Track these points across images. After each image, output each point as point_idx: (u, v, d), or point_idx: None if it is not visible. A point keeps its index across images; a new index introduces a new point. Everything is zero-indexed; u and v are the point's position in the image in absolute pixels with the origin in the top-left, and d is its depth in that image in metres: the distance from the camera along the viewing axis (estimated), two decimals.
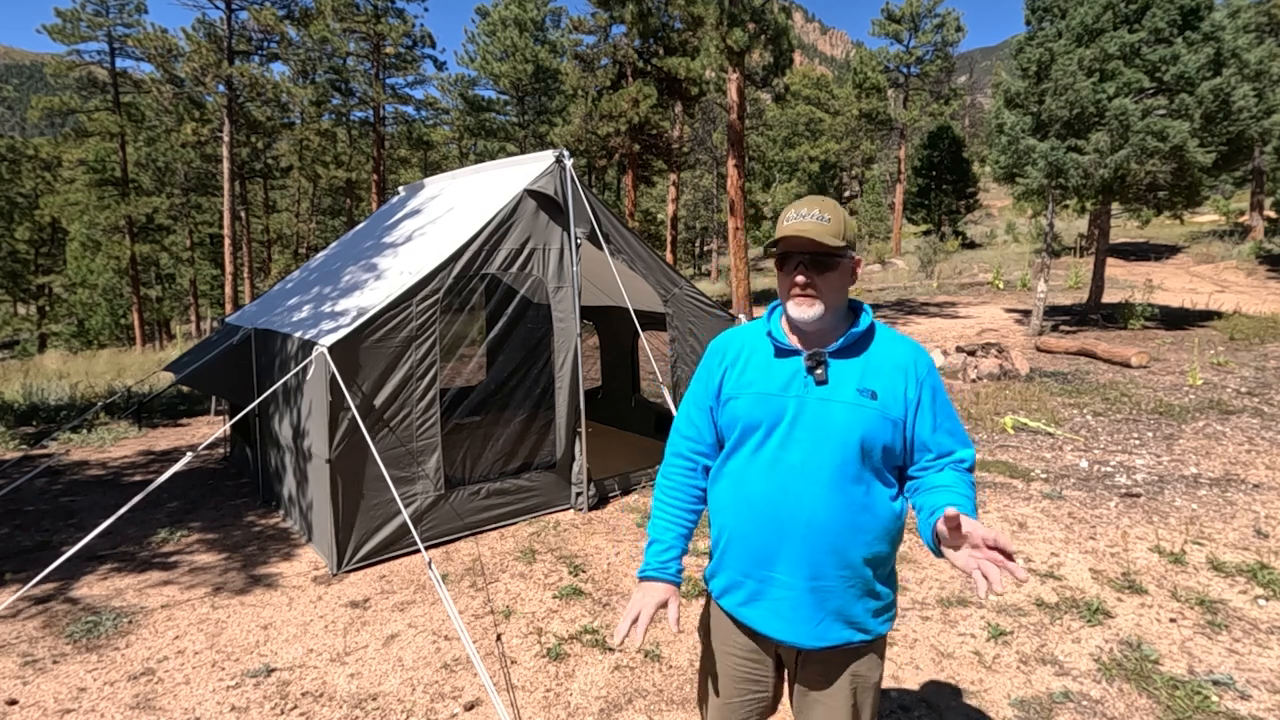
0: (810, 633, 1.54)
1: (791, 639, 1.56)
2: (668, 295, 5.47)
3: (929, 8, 31.68)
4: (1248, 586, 3.66)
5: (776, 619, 1.56)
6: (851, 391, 1.50)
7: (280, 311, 5.43)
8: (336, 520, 4.01)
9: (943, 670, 3.02)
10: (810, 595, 1.52)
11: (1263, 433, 6.19)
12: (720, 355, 1.68)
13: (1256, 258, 18.65)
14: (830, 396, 1.51)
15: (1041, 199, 11.50)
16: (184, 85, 22.91)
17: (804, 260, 1.51)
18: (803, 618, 1.53)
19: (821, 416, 1.50)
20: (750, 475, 1.56)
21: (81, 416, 8.11)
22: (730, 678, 1.69)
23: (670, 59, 21.13)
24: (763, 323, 1.66)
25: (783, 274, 1.56)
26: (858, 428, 1.48)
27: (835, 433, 1.48)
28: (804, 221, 1.50)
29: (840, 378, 1.52)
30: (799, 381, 1.53)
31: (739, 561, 1.60)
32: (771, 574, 1.55)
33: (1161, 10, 9.79)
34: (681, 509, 1.72)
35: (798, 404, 1.52)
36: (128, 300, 31.74)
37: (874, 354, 1.55)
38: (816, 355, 1.52)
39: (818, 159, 41.30)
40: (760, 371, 1.59)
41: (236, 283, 23.03)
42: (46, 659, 3.28)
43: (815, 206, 1.52)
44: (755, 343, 1.65)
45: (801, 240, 1.49)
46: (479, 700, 2.91)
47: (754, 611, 1.59)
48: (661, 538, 1.71)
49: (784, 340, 1.58)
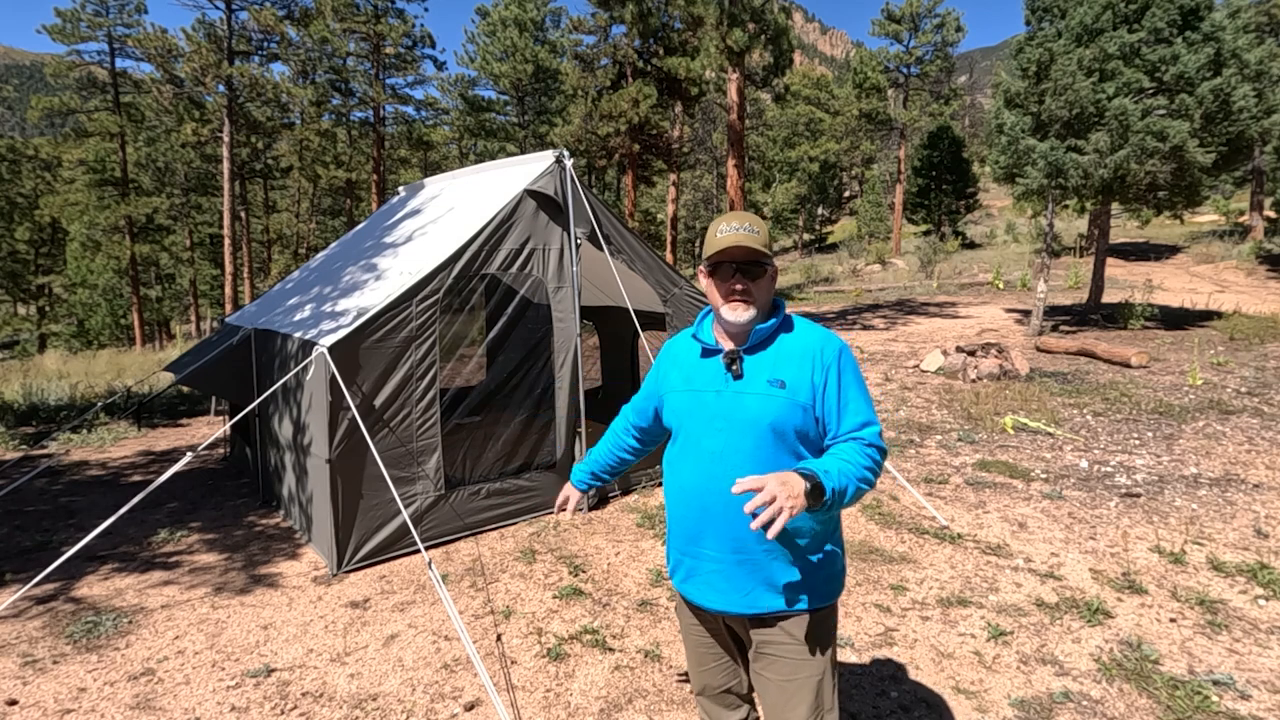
0: (740, 600, 1.70)
1: (723, 607, 1.72)
2: (668, 295, 5.47)
3: (929, 8, 31.66)
4: (1248, 586, 3.66)
5: (710, 590, 1.73)
6: (762, 383, 1.68)
7: (280, 311, 5.43)
8: (336, 520, 4.01)
9: (943, 670, 3.03)
10: (738, 568, 1.69)
11: (1263, 433, 6.19)
12: (666, 356, 1.93)
13: (1256, 258, 18.65)
14: (744, 389, 1.69)
15: (1041, 199, 11.50)
16: (184, 85, 22.91)
17: (739, 268, 1.69)
18: (732, 587, 1.70)
19: (736, 407, 1.68)
20: (681, 463, 1.77)
21: (81, 417, 8.11)
22: (694, 648, 1.92)
23: (670, 59, 21.12)
24: (693, 327, 1.87)
25: (717, 281, 1.73)
26: (768, 415, 1.65)
27: (748, 420, 1.66)
28: (738, 233, 1.67)
29: (753, 371, 1.70)
30: (720, 377, 1.72)
31: (676, 541, 1.80)
32: (701, 550, 1.73)
33: (1161, 10, 9.78)
34: (609, 448, 2.16)
35: (717, 397, 1.71)
36: (128, 300, 31.75)
37: (784, 345, 1.73)
38: (732, 353, 1.72)
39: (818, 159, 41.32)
40: (690, 371, 1.80)
41: (236, 283, 23.05)
42: (47, 659, 3.28)
43: (745, 220, 1.70)
44: (688, 346, 1.86)
45: (739, 250, 1.66)
46: (479, 700, 2.91)
47: (691, 587, 1.78)
48: (586, 461, 2.21)
49: (710, 341, 1.78)
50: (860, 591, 3.73)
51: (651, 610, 3.62)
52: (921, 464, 5.86)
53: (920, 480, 5.45)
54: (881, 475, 5.61)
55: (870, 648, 3.21)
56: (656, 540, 4.48)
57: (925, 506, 4.86)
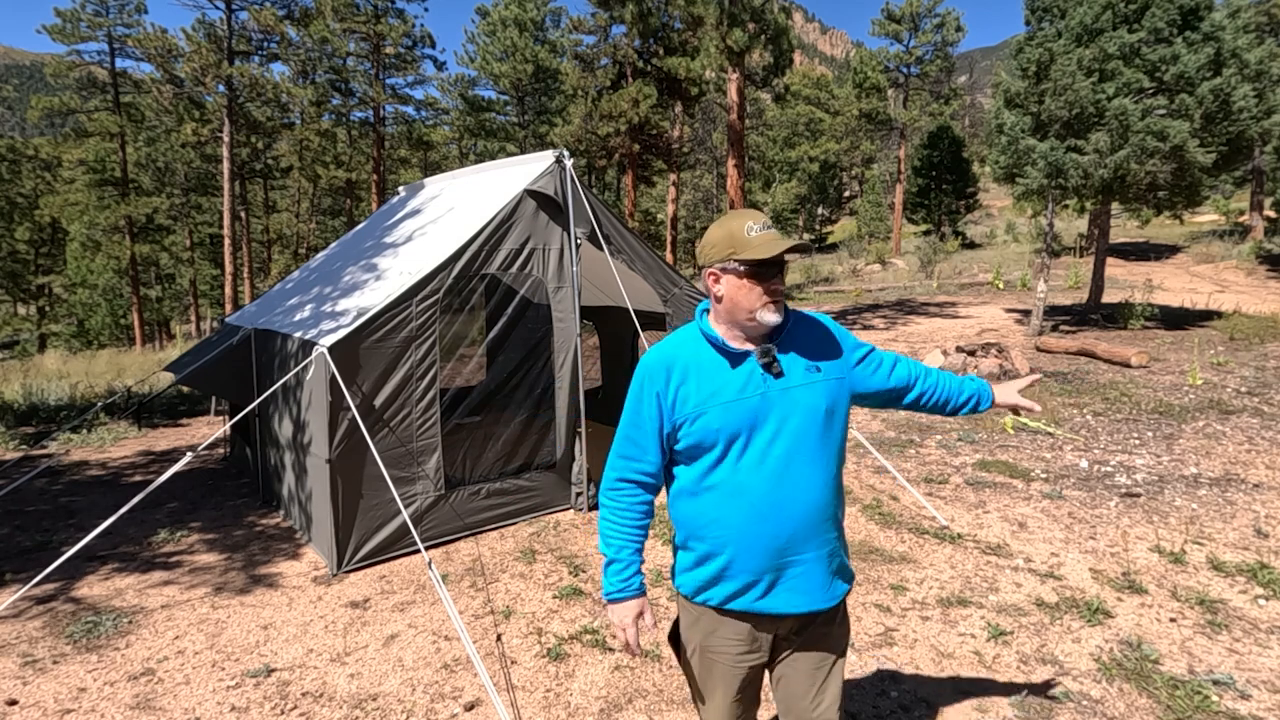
0: (824, 595, 1.68)
1: (812, 607, 1.67)
2: (668, 295, 5.47)
3: (929, 8, 31.66)
4: (1248, 586, 3.66)
5: (797, 595, 1.65)
6: (801, 372, 1.64)
7: (280, 311, 5.43)
8: (336, 520, 4.01)
9: (943, 670, 3.02)
10: (822, 563, 1.67)
11: (1263, 432, 6.19)
12: (664, 373, 1.66)
13: (1256, 258, 18.64)
14: (788, 384, 1.62)
15: (1041, 199, 11.50)
16: (184, 85, 22.90)
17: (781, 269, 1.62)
18: (818, 584, 1.67)
19: (790, 403, 1.61)
20: (743, 479, 1.60)
21: (81, 417, 8.11)
22: (735, 676, 1.72)
23: (670, 59, 21.13)
24: (694, 334, 1.70)
25: (755, 284, 1.58)
26: (822, 400, 1.63)
27: (805, 413, 1.61)
28: (772, 233, 1.59)
29: (788, 365, 1.64)
30: (755, 380, 1.61)
31: (751, 564, 1.62)
32: (789, 560, 1.63)
33: (1161, 10, 9.78)
34: (632, 527, 1.75)
35: (763, 400, 1.60)
36: (128, 300, 31.74)
37: (798, 334, 1.70)
38: (767, 351, 1.62)
39: (818, 159, 41.33)
40: (717, 381, 1.62)
41: (236, 283, 23.04)
42: (46, 659, 3.28)
43: (762, 218, 1.61)
44: (699, 354, 1.66)
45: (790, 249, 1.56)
46: (479, 700, 2.91)
47: (774, 599, 1.65)
48: (619, 557, 1.75)
49: (731, 346, 1.64)
50: (860, 591, 3.73)
51: (651, 610, 3.62)
52: (921, 464, 5.86)
53: (920, 480, 5.45)
54: (881, 475, 5.61)
55: (870, 647, 3.21)
56: (656, 540, 4.48)
57: (925, 506, 4.86)
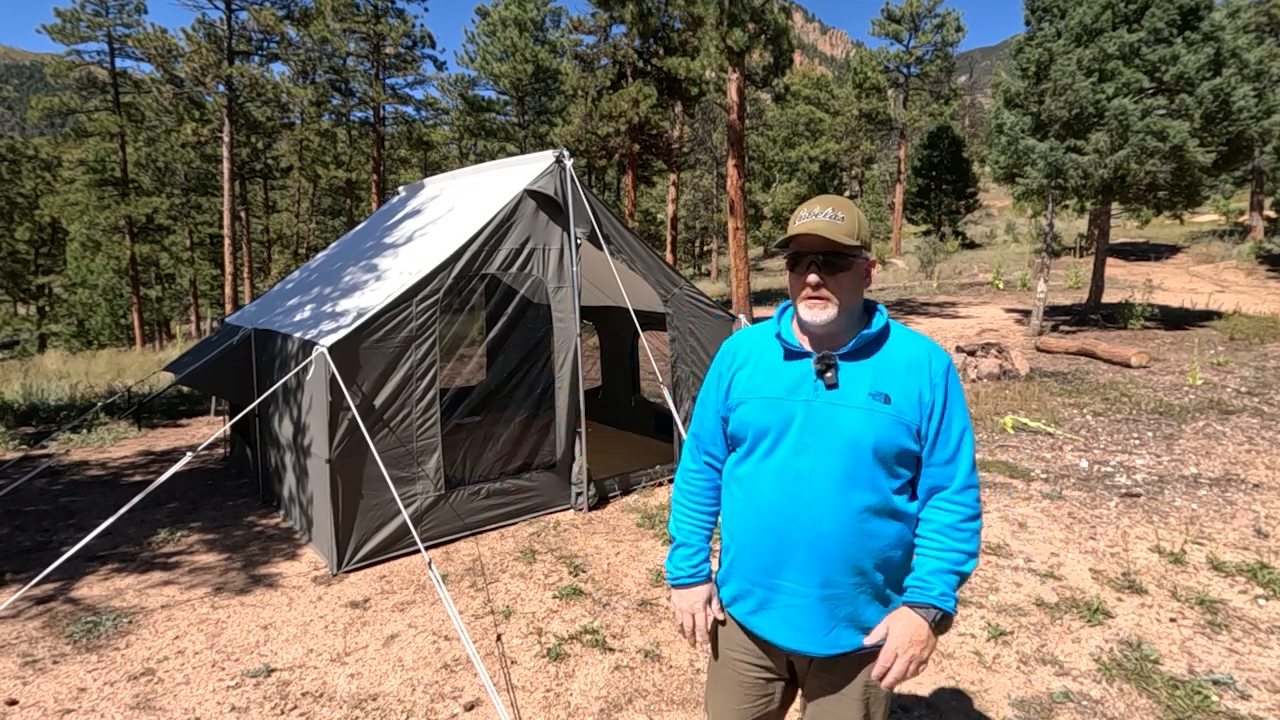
0: (821, 640, 1.51)
1: (801, 647, 1.53)
2: (668, 295, 5.47)
3: (929, 8, 31.67)
4: (1248, 586, 3.66)
5: (786, 627, 1.53)
6: (863, 395, 1.45)
7: (280, 312, 5.43)
8: (336, 520, 4.01)
9: (943, 670, 3.02)
10: (821, 604, 1.49)
11: (1263, 432, 6.19)
12: (730, 357, 1.64)
13: (1256, 258, 18.65)
14: (840, 401, 1.46)
15: (1041, 199, 11.50)
16: (184, 85, 22.90)
17: (816, 260, 1.46)
18: (813, 625, 1.50)
19: (830, 422, 1.45)
20: (759, 482, 1.52)
21: (81, 417, 8.11)
22: (739, 684, 1.66)
23: (670, 59, 21.10)
24: (773, 324, 1.61)
25: (794, 275, 1.51)
26: (871, 433, 1.43)
27: (845, 439, 1.44)
28: (816, 220, 1.45)
29: (851, 381, 1.47)
30: (808, 385, 1.49)
31: (747, 570, 1.56)
32: (779, 582, 1.51)
33: (1161, 10, 9.78)
34: (701, 509, 1.70)
35: (806, 409, 1.47)
36: (128, 300, 31.73)
37: (887, 355, 1.50)
38: (826, 358, 1.48)
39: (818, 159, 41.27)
40: (768, 375, 1.54)
41: (236, 283, 23.04)
42: (46, 659, 3.28)
43: (829, 205, 1.47)
44: (764, 345, 1.60)
45: (814, 239, 1.44)
46: (479, 700, 2.91)
47: (763, 620, 1.56)
48: (689, 541, 1.69)
49: (793, 342, 1.53)
50: None
51: (651, 610, 3.62)
52: None
53: None
54: None
55: None
56: (656, 540, 4.48)
57: None
